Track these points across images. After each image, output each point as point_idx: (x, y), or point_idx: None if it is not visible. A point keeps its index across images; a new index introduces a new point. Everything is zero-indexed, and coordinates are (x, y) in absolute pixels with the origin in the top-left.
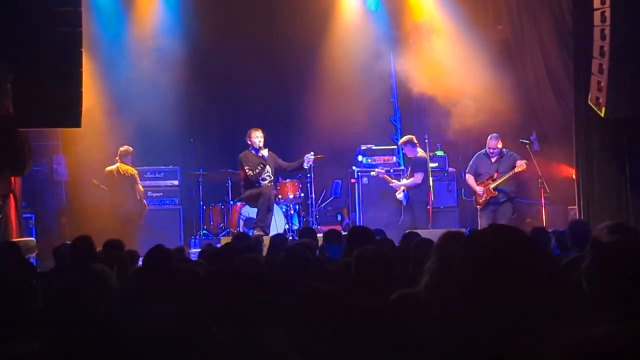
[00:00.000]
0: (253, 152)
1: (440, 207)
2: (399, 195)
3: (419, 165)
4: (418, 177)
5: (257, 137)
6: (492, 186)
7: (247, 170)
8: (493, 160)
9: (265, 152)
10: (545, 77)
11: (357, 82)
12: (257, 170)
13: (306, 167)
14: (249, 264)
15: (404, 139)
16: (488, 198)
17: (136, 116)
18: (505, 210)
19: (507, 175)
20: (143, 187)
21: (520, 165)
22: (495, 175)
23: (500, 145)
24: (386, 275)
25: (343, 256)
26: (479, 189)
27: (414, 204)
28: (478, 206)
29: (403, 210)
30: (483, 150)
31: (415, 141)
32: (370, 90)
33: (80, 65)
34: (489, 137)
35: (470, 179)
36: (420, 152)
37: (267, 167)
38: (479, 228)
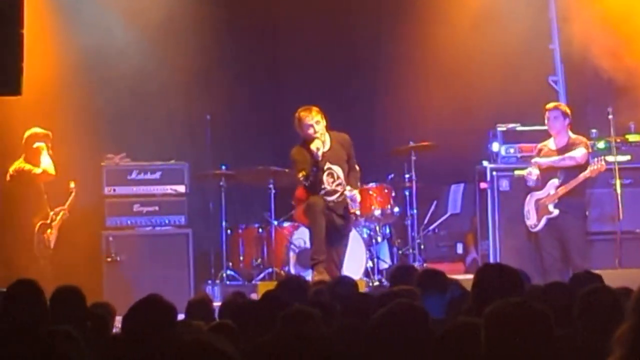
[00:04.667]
0: (307, 146)
1: (636, 230)
2: (553, 209)
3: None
4: (579, 155)
5: (310, 121)
6: None
7: (299, 177)
8: None
9: (319, 144)
10: None
11: (491, 20)
12: (312, 174)
13: (353, 211)
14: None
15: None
16: None
17: (117, 83)
18: None
19: None
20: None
21: None
22: None
23: None
24: (544, 349)
25: (467, 312)
26: None
27: (566, 218)
28: None
29: (545, 234)
30: None
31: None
32: (514, 32)
33: (20, 27)
34: None
35: None
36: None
37: (329, 165)
38: None
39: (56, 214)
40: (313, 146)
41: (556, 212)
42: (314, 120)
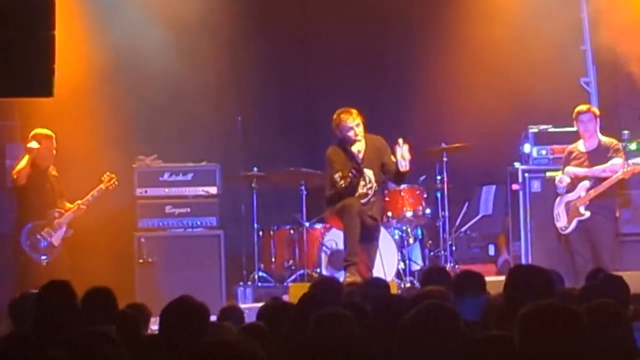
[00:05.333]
0: (344, 147)
1: None
2: (584, 211)
3: (615, 147)
4: (618, 166)
5: (351, 124)
6: None
7: (336, 177)
8: None
9: (361, 147)
10: None
11: (523, 22)
12: (351, 176)
13: (403, 170)
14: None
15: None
16: None
17: (148, 85)
18: None
19: None
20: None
21: None
22: None
23: None
24: (578, 350)
25: (500, 318)
26: None
27: (597, 219)
28: None
29: (576, 236)
30: None
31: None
32: (546, 34)
33: (51, 28)
34: None
35: None
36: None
37: (365, 170)
38: None
39: (60, 211)
40: (354, 148)
41: (587, 214)
42: (355, 123)
